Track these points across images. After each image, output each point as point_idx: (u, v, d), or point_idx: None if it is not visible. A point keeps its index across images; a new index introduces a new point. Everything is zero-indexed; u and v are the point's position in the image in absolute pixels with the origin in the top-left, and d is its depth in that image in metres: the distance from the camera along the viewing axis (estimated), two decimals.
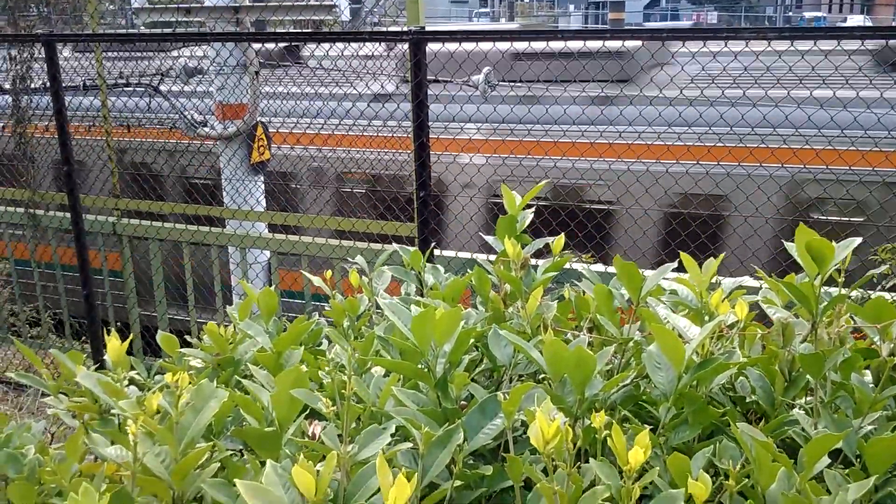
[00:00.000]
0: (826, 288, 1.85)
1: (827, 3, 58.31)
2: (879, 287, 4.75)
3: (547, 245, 2.40)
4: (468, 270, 2.31)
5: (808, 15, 52.94)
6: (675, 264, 2.03)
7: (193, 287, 6.26)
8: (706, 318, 1.93)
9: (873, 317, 1.95)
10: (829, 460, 1.55)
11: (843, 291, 1.83)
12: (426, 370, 1.67)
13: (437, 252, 5.03)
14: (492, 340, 1.88)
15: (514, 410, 1.44)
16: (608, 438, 1.31)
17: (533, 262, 2.32)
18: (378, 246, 5.24)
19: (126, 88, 7.75)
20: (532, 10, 50.60)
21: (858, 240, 1.77)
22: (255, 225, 6.25)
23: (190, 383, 1.59)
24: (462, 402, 1.78)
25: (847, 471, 1.48)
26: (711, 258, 2.07)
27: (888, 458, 1.42)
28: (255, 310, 2.29)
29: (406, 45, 4.84)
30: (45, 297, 7.18)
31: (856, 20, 44.43)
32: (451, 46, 5.12)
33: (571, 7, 54.56)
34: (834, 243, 1.72)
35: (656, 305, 2.01)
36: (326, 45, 6.20)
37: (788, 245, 1.80)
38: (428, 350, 1.66)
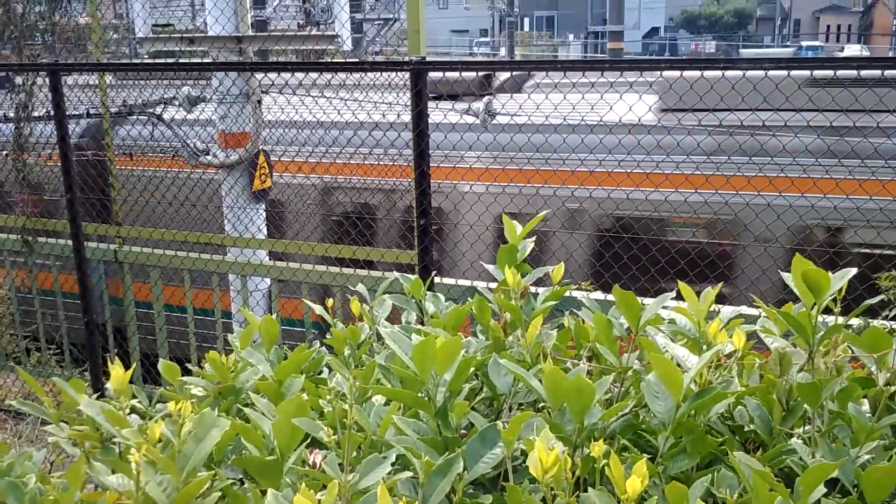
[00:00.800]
0: (824, 317, 1.87)
1: (824, 33, 58.89)
2: (882, 316, 4.77)
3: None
4: (468, 298, 2.32)
5: (804, 44, 53.47)
6: (674, 293, 2.05)
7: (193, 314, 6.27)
8: (704, 347, 1.94)
9: (870, 346, 1.97)
10: (827, 490, 1.56)
11: (840, 321, 1.85)
12: (427, 399, 1.69)
13: (437, 280, 5.04)
14: (492, 369, 1.90)
15: (513, 439, 1.46)
16: (606, 467, 1.32)
17: (533, 290, 2.35)
18: (379, 274, 5.26)
19: (129, 117, 7.83)
20: (532, 40, 51.08)
21: (854, 270, 1.79)
22: (255, 252, 6.27)
23: (192, 412, 1.60)
24: (462, 431, 1.79)
25: (845, 500, 1.49)
26: (709, 288, 2.08)
27: (886, 487, 1.43)
28: (255, 338, 2.30)
29: None
30: (45, 324, 7.19)
31: (853, 50, 44.88)
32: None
33: (571, 36, 55.04)
34: (830, 273, 1.75)
35: (655, 335, 2.03)
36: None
37: (785, 275, 1.82)
38: (428, 379, 1.67)
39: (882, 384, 1.90)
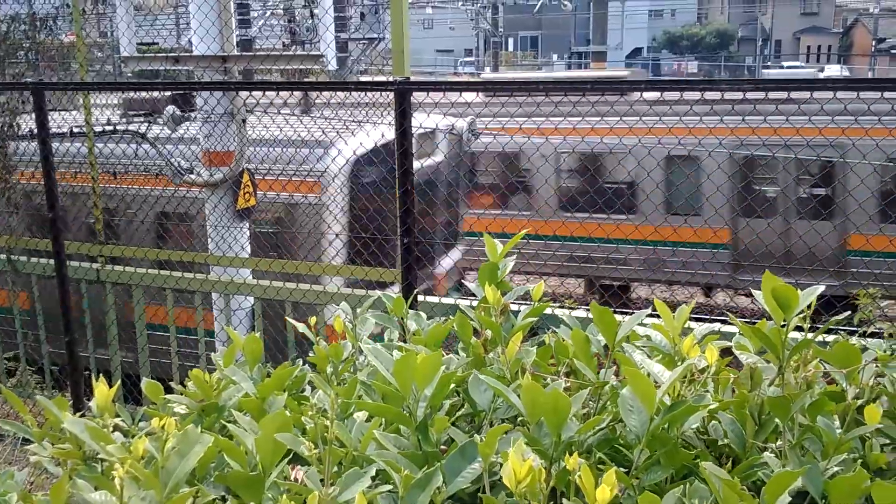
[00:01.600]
0: (800, 333, 1.92)
1: (804, 54, 59.72)
2: (860, 333, 4.84)
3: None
4: (452, 316, 2.36)
5: (785, 64, 54.22)
6: (649, 310, 2.10)
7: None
8: (678, 362, 1.99)
9: (840, 361, 2.02)
10: (798, 502, 1.61)
11: (809, 336, 1.90)
12: (408, 414, 1.72)
13: (420, 297, 5.07)
14: (472, 385, 1.93)
15: (490, 453, 1.49)
16: (579, 479, 1.36)
17: (515, 307, 2.39)
18: (363, 292, 5.28)
19: (113, 135, 7.84)
20: (517, 60, 51.48)
21: (821, 287, 1.85)
22: (239, 271, 6.28)
23: (175, 429, 1.63)
24: (442, 446, 1.82)
25: None
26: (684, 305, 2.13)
27: (852, 496, 1.48)
28: (239, 356, 2.33)
29: None
30: (25, 344, 7.15)
31: (832, 70, 45.57)
32: None
33: (555, 57, 55.51)
34: (799, 291, 1.80)
35: (633, 351, 2.07)
36: None
37: (755, 293, 1.87)
38: (409, 394, 1.70)
39: (851, 398, 1.96)
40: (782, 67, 50.31)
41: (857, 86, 5.12)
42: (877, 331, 4.71)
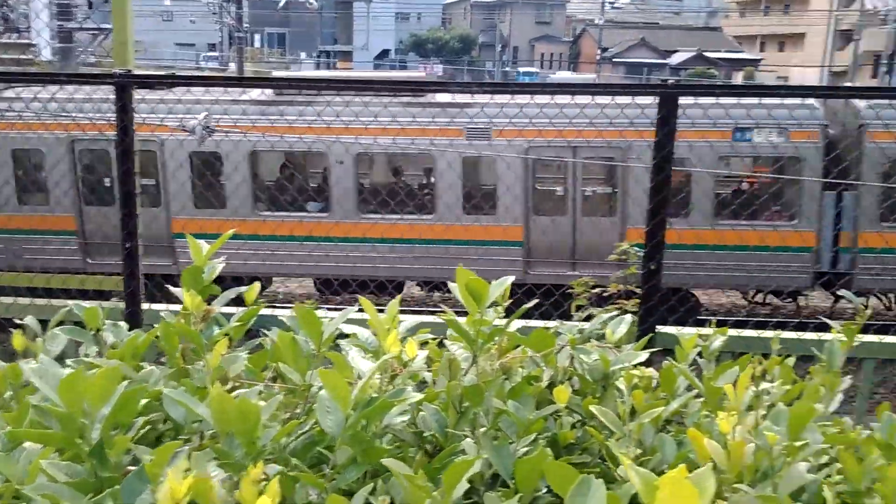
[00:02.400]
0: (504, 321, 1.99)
1: (539, 60, 64.49)
2: (576, 318, 5.24)
3: None
4: None
5: (521, 70, 58.24)
6: (356, 308, 2.08)
7: None
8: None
9: (537, 346, 2.13)
10: (492, 483, 1.66)
11: (500, 324, 1.98)
12: (80, 438, 1.54)
13: (147, 306, 4.73)
14: (166, 401, 1.79)
15: (159, 472, 1.37)
16: (237, 492, 1.29)
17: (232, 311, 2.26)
18: (72, 303, 4.82)
19: None
20: (263, 56, 50.33)
21: (511, 278, 1.93)
22: None
23: None
24: (131, 468, 1.66)
25: (501, 493, 1.59)
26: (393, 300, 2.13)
27: (534, 477, 1.55)
28: None
29: None
30: None
31: (563, 76, 49.68)
32: None
33: (303, 55, 55.00)
34: (491, 282, 1.87)
35: (350, 349, 2.04)
36: None
37: (452, 286, 1.91)
38: (80, 415, 1.53)
39: (546, 380, 2.08)
40: (517, 74, 53.81)
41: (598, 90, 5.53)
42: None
